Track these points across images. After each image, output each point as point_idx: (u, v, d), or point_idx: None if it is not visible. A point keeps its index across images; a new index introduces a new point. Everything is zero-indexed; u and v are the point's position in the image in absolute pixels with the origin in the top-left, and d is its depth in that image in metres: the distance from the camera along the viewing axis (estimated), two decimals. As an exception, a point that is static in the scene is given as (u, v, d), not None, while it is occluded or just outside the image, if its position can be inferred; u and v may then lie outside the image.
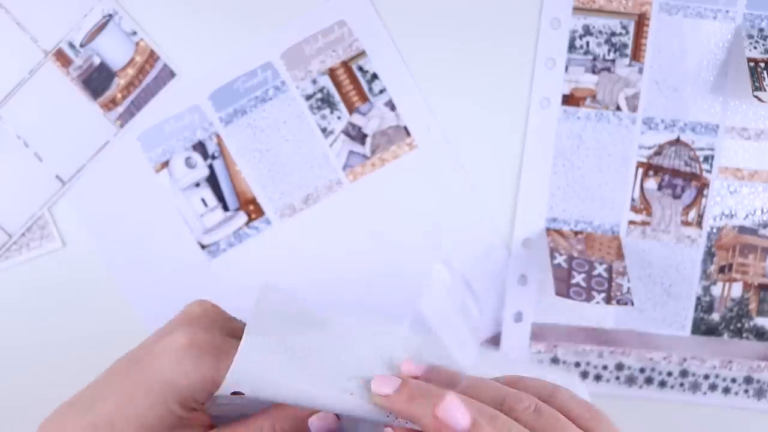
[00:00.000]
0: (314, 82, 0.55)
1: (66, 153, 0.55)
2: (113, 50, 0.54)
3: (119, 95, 0.54)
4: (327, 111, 0.55)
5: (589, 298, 0.51)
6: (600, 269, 0.53)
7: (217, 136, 0.55)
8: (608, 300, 0.51)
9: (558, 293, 0.51)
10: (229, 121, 0.55)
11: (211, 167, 0.55)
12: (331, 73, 0.55)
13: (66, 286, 0.56)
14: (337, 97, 0.55)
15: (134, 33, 0.54)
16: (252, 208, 0.56)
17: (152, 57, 0.54)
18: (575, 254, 0.54)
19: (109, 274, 0.56)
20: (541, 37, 0.55)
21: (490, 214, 0.56)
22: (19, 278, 0.56)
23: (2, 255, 0.55)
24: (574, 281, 0.52)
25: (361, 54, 0.55)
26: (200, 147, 0.55)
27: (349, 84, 0.55)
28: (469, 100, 0.55)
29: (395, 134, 0.55)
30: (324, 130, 0.55)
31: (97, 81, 0.54)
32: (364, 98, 0.55)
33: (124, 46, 0.54)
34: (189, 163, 0.55)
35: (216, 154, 0.55)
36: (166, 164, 0.55)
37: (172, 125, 0.55)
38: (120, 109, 0.54)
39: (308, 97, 0.55)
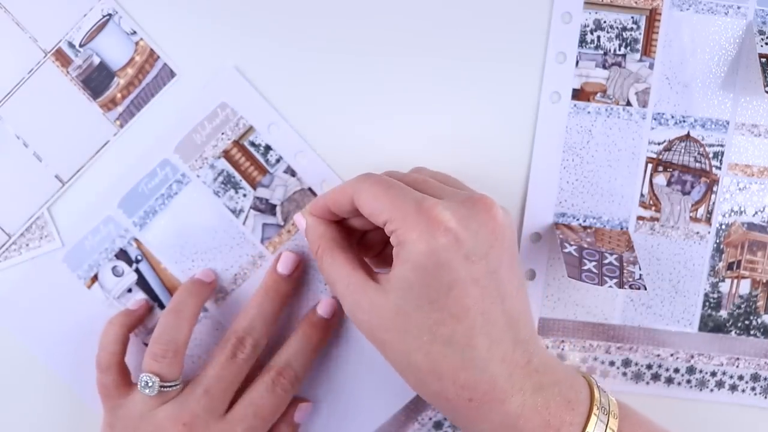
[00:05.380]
0: (212, 167, 0.55)
1: (65, 153, 0.54)
2: (113, 50, 0.53)
3: (119, 95, 0.53)
4: (232, 192, 0.55)
5: (601, 283, 0.51)
6: (611, 258, 0.53)
7: (136, 240, 0.55)
8: (620, 285, 0.51)
9: (570, 276, 0.51)
10: (143, 224, 0.55)
11: (137, 271, 0.56)
12: (226, 155, 0.55)
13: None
14: (237, 176, 0.55)
15: (134, 32, 0.52)
16: None
17: (152, 57, 0.53)
18: (585, 245, 0.54)
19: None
20: (552, 32, 0.54)
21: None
22: (19, 278, 0.55)
23: (1, 255, 0.54)
24: (585, 267, 0.52)
25: (249, 130, 0.55)
26: (123, 254, 0.56)
27: (246, 161, 0.55)
28: (479, 94, 0.55)
29: (302, 197, 0.55)
30: (234, 210, 0.55)
31: (96, 81, 0.53)
32: (263, 171, 0.55)
33: (124, 45, 0.53)
34: (116, 272, 0.56)
35: (139, 258, 0.56)
36: (95, 278, 0.56)
37: (90, 240, 0.55)
38: (120, 108, 0.53)
39: (211, 183, 0.55)
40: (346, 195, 0.46)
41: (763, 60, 0.52)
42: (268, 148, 0.55)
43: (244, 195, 0.55)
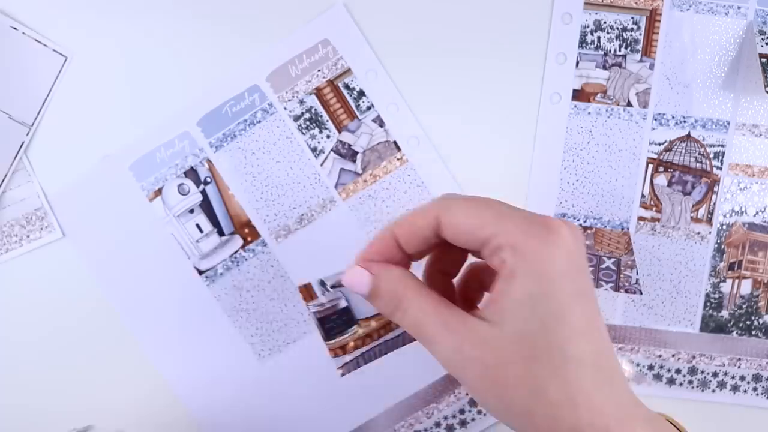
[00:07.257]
0: (301, 102, 0.55)
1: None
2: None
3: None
4: (316, 130, 0.55)
5: (596, 286, 0.51)
6: (608, 263, 0.53)
7: (208, 161, 0.55)
8: (617, 288, 0.51)
9: None
10: (219, 146, 0.55)
11: (204, 193, 0.55)
12: (318, 92, 0.55)
13: (66, 276, 0.56)
14: (325, 116, 0.55)
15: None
16: (247, 231, 0.56)
17: None
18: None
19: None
20: (553, 32, 0.55)
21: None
22: (20, 269, 0.55)
23: (3, 246, 0.55)
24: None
25: (347, 72, 0.55)
26: (192, 173, 0.55)
27: (337, 102, 0.55)
28: (480, 95, 0.55)
29: (385, 150, 0.55)
30: (314, 150, 0.55)
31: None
32: (352, 116, 0.55)
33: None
34: (182, 190, 0.55)
35: (208, 180, 0.55)
36: (159, 192, 0.55)
37: (162, 153, 0.55)
38: None
39: (296, 118, 0.55)
40: (428, 217, 0.38)
41: (764, 60, 0.53)
42: (361, 93, 0.55)
43: (328, 136, 0.55)
